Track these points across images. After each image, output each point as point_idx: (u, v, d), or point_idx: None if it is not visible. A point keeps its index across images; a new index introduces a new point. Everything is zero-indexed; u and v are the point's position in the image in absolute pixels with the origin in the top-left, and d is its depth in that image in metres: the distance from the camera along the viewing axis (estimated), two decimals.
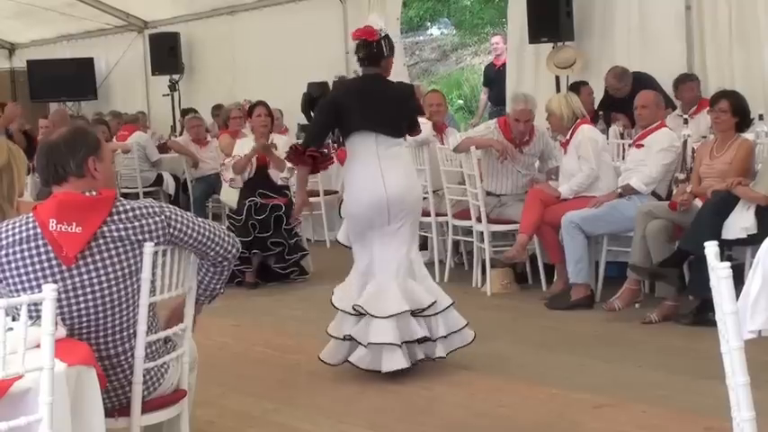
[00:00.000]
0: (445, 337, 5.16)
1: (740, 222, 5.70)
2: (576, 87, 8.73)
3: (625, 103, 8.18)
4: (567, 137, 6.83)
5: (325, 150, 5.44)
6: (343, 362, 5.15)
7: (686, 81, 8.14)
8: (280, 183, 7.92)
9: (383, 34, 5.16)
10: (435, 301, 5.13)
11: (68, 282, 3.12)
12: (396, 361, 4.99)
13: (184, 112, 12.35)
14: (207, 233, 3.38)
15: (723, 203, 5.79)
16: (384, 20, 5.54)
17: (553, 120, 6.94)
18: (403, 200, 5.13)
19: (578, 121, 6.81)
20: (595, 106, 8.83)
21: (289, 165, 7.89)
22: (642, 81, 8.38)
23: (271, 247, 7.71)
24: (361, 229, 5.17)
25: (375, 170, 5.09)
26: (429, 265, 7.80)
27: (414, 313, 5.06)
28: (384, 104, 5.15)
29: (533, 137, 7.21)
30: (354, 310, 5.09)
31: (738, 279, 2.45)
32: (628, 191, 6.48)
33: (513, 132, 7.13)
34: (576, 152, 6.75)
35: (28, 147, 8.77)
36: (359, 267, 5.22)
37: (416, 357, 5.11)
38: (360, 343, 5.05)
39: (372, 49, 5.15)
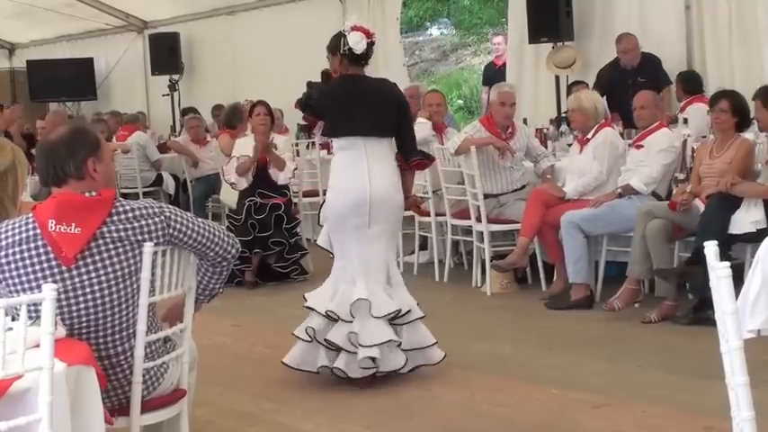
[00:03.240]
0: (406, 350, 5.03)
1: (749, 217, 5.71)
2: (570, 88, 8.79)
3: (629, 74, 8.31)
4: (589, 135, 6.81)
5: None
6: (319, 368, 5.04)
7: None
8: (281, 183, 7.90)
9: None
10: (410, 310, 5.03)
11: (68, 282, 3.12)
12: (398, 358, 4.95)
13: (184, 112, 12.34)
14: (206, 233, 3.38)
15: (727, 201, 5.79)
16: (363, 18, 5.48)
17: (580, 115, 6.83)
18: (385, 203, 5.04)
19: (603, 121, 6.82)
20: None
21: (291, 165, 7.90)
22: (647, 59, 8.45)
23: (271, 246, 7.71)
24: (340, 229, 5.07)
25: (362, 169, 5.02)
26: (429, 264, 7.86)
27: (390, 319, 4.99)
28: (369, 105, 5.06)
29: (515, 131, 7.24)
30: (328, 314, 4.99)
31: (739, 278, 2.45)
32: (628, 191, 6.48)
33: (500, 122, 7.16)
34: (593, 152, 6.74)
35: (29, 148, 8.77)
36: (334, 270, 5.14)
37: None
38: (348, 350, 4.92)
39: (372, 49, 5.13)
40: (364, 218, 5.02)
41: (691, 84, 8.19)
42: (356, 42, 5.03)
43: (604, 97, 8.72)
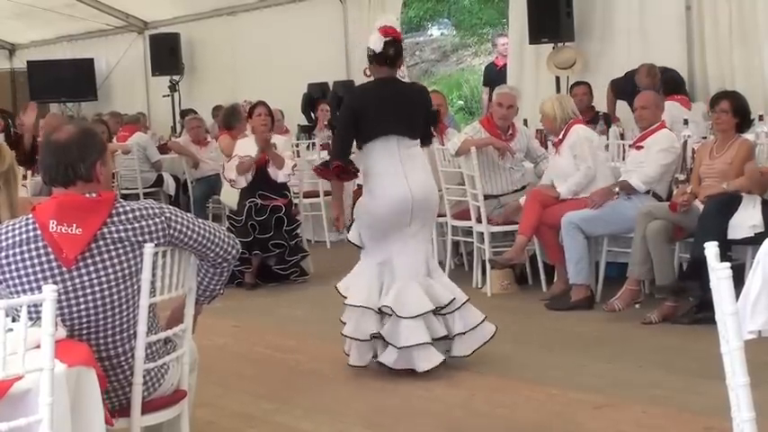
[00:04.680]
0: (463, 333, 5.18)
1: (747, 221, 5.71)
2: (572, 89, 8.81)
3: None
4: (560, 136, 6.86)
5: (352, 161, 5.31)
6: (369, 362, 5.14)
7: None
8: (280, 181, 7.89)
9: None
10: (454, 298, 5.17)
11: (68, 283, 3.12)
12: (431, 359, 5.04)
13: (183, 114, 12.34)
14: (207, 234, 3.38)
15: (724, 205, 5.79)
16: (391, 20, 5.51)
17: (546, 121, 7.00)
18: (427, 200, 5.19)
19: (570, 121, 6.85)
20: (595, 105, 8.82)
21: (290, 163, 7.91)
22: (670, 77, 8.41)
23: (271, 248, 7.71)
24: (381, 231, 5.15)
25: (399, 172, 5.11)
26: None
27: (435, 312, 5.10)
28: (402, 106, 5.17)
29: (516, 132, 7.27)
30: (380, 310, 5.09)
31: (739, 279, 2.45)
32: (624, 187, 6.49)
33: (497, 123, 7.18)
34: (570, 152, 6.77)
35: (32, 148, 8.74)
36: (372, 267, 5.19)
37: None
38: (390, 343, 5.04)
39: (401, 47, 5.19)
40: (406, 218, 5.13)
41: (669, 85, 8.19)
42: (374, 42, 5.12)
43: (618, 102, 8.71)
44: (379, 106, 5.15)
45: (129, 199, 3.52)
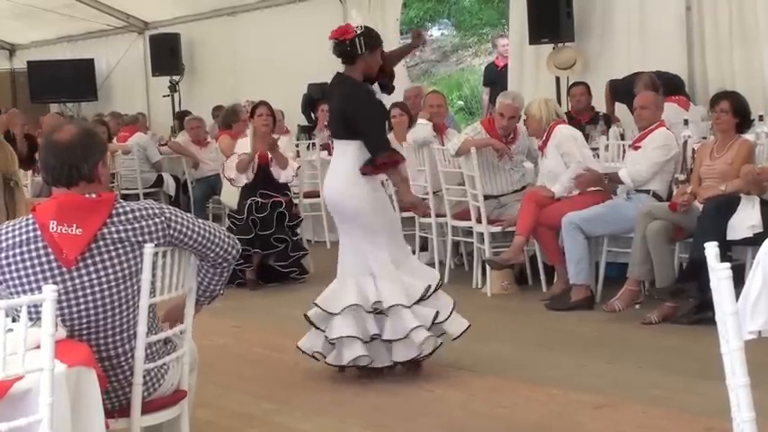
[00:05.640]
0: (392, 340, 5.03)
1: (746, 221, 5.71)
2: (570, 89, 8.80)
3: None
4: (543, 138, 6.90)
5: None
6: (348, 363, 5.05)
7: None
8: (282, 181, 7.88)
9: (360, 31, 5.04)
10: (389, 304, 5.01)
11: (68, 283, 3.12)
12: (429, 342, 5.00)
13: (180, 115, 12.34)
14: (207, 234, 3.38)
15: (723, 205, 5.79)
16: (362, 18, 5.46)
17: (532, 123, 7.03)
18: (335, 207, 5.10)
19: (552, 122, 6.88)
20: (594, 106, 8.81)
21: (294, 165, 7.91)
22: (669, 79, 8.37)
23: (274, 243, 7.69)
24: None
25: (328, 169, 5.25)
26: (429, 265, 7.81)
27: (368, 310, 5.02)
28: (331, 105, 5.28)
29: (518, 135, 7.28)
30: (373, 308, 5.01)
31: (739, 280, 2.45)
32: (614, 179, 6.53)
33: (498, 129, 7.18)
34: (556, 152, 6.82)
35: (30, 150, 8.78)
36: (357, 267, 5.15)
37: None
38: (393, 340, 4.99)
39: (345, 47, 5.06)
40: (334, 215, 5.21)
41: (668, 86, 8.18)
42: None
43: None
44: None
45: (129, 199, 3.53)
